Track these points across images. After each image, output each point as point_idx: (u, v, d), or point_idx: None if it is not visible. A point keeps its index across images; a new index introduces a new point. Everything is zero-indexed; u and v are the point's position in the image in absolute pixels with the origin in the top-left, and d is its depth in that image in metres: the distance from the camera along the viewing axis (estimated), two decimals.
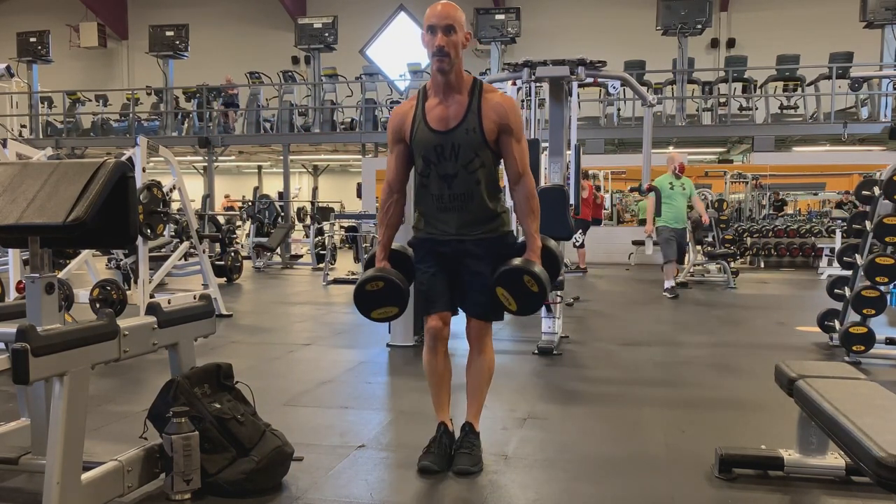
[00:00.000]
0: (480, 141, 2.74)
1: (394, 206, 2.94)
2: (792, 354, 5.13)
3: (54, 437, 2.19)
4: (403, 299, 2.84)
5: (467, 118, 2.74)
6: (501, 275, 2.74)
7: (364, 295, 2.83)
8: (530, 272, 2.69)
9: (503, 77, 6.32)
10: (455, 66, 2.73)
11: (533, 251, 2.79)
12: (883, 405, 2.33)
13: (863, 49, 14.44)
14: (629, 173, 14.75)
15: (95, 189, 2.32)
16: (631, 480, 2.82)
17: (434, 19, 2.70)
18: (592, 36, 17.77)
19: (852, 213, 6.17)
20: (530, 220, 2.81)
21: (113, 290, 5.91)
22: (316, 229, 13.04)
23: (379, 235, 2.96)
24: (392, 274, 2.83)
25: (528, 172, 2.83)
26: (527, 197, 2.81)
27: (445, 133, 2.75)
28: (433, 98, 2.80)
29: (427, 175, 2.81)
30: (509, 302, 2.75)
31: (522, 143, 2.83)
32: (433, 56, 2.70)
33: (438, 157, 2.76)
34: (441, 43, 2.67)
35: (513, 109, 2.78)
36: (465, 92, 2.77)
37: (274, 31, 20.01)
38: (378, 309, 2.86)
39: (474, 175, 2.77)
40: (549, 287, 2.74)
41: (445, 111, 2.76)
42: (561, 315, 5.77)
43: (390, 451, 3.16)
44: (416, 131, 2.79)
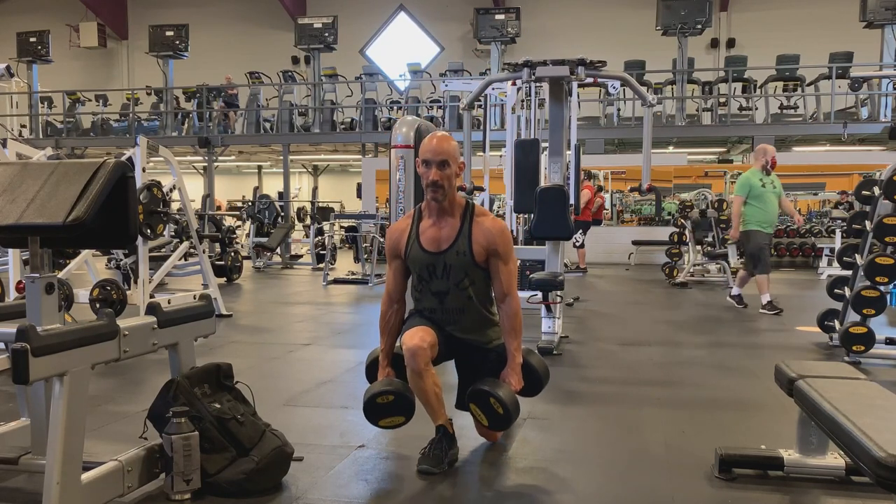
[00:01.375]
0: (470, 262, 2.91)
1: (394, 316, 3.08)
2: (792, 354, 5.13)
3: (54, 437, 2.19)
4: (411, 410, 2.94)
5: (458, 241, 2.92)
6: (471, 392, 2.90)
7: (374, 407, 2.94)
8: (495, 395, 2.83)
9: (503, 77, 6.34)
10: (448, 195, 2.91)
11: (512, 368, 2.94)
12: (883, 405, 2.33)
13: (863, 49, 14.44)
14: (629, 173, 14.76)
15: (95, 189, 2.32)
16: (631, 480, 2.82)
17: (429, 154, 2.87)
18: (592, 36, 17.77)
19: (850, 213, 6.18)
20: (511, 338, 2.95)
21: (113, 290, 5.91)
22: (316, 229, 13.04)
23: (381, 343, 3.09)
24: (401, 387, 2.93)
25: (514, 293, 2.97)
26: (510, 316, 2.95)
27: (437, 254, 2.93)
28: (427, 219, 2.99)
29: (421, 290, 3.01)
30: (480, 417, 2.91)
31: (510, 266, 2.97)
32: (428, 188, 2.88)
33: (430, 275, 2.95)
34: (435, 178, 2.86)
35: (501, 234, 2.94)
36: (457, 215, 2.95)
37: (274, 31, 20.00)
38: (386, 418, 2.96)
39: (465, 292, 2.94)
40: (514, 410, 2.85)
41: (438, 233, 2.95)
42: (561, 315, 5.77)
43: (390, 451, 3.15)
44: (410, 250, 2.98)
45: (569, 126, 5.95)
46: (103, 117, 17.82)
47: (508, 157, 7.42)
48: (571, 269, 11.22)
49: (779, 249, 12.78)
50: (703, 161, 18.22)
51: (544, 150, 6.05)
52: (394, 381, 2.96)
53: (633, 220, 15.84)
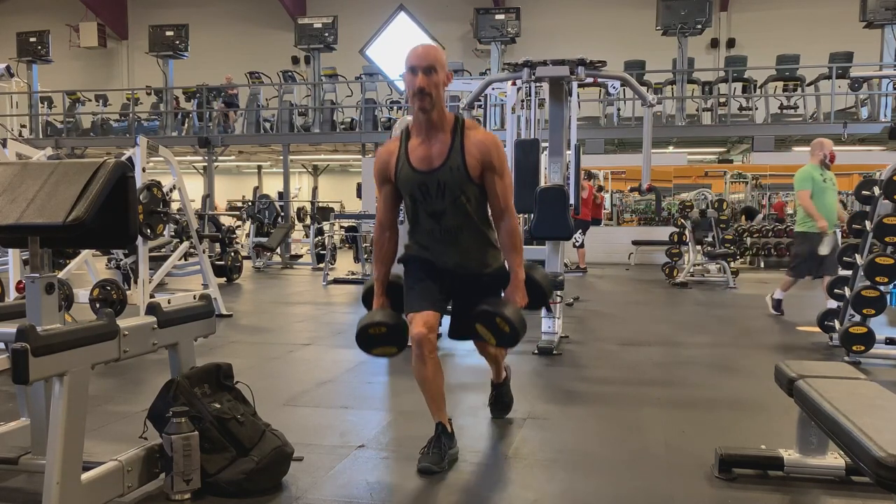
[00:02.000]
0: (465, 177, 2.80)
1: (388, 243, 3.02)
2: (792, 354, 5.14)
3: (54, 437, 2.19)
4: (404, 341, 2.96)
5: (451, 157, 2.79)
6: (478, 313, 2.87)
7: (367, 337, 2.93)
8: (501, 315, 2.81)
9: (503, 77, 6.33)
10: (437, 106, 2.78)
11: (515, 286, 2.90)
12: (883, 405, 2.33)
13: (863, 49, 14.43)
14: (629, 173, 14.76)
15: (95, 189, 2.32)
16: (631, 480, 2.82)
17: (415, 60, 2.76)
18: (592, 36, 17.75)
19: (851, 213, 6.14)
20: (513, 255, 2.90)
21: (113, 290, 5.91)
22: (316, 229, 13.04)
23: (374, 271, 3.04)
24: (394, 318, 2.93)
25: (511, 208, 2.90)
26: (509, 233, 2.88)
27: (429, 172, 2.81)
28: (416, 137, 2.85)
29: (416, 213, 2.90)
30: (489, 337, 2.89)
31: (505, 180, 2.88)
32: (414, 96, 2.76)
33: (424, 195, 2.83)
34: (422, 84, 2.72)
35: (495, 146, 2.84)
36: (447, 130, 2.82)
37: (274, 31, 20.00)
38: (378, 348, 2.98)
39: (463, 208, 2.85)
40: (521, 327, 2.83)
41: (429, 150, 2.82)
42: (561, 315, 5.77)
43: (390, 451, 3.16)
44: (400, 171, 2.86)
45: (569, 126, 5.95)
46: (103, 117, 17.82)
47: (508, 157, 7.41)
48: (571, 269, 11.22)
49: (779, 249, 12.78)
50: (703, 161, 18.21)
51: (544, 150, 6.04)
52: (387, 312, 2.95)
53: (633, 220, 15.84)
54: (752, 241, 12.92)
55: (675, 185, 15.10)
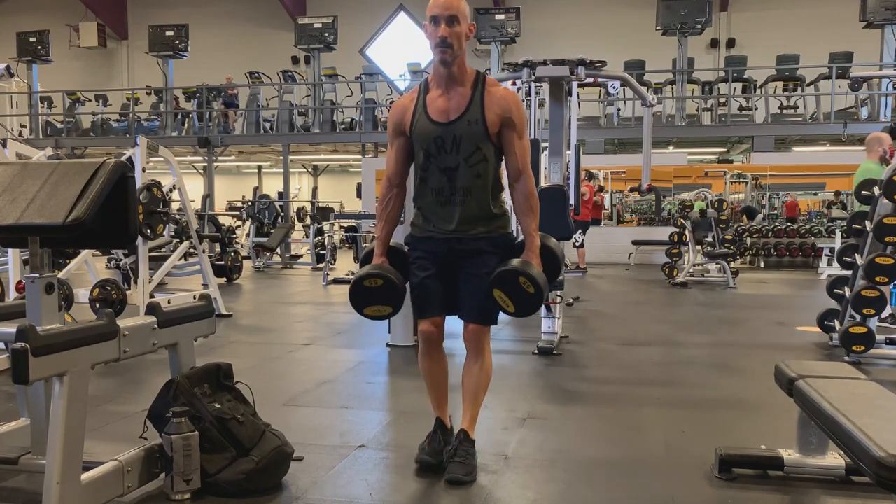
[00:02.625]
0: (483, 133, 2.70)
1: (393, 201, 2.89)
2: (792, 354, 5.13)
3: (54, 437, 2.19)
4: (399, 300, 2.81)
5: (470, 109, 2.70)
6: (497, 276, 2.69)
7: (361, 290, 2.78)
8: (525, 273, 2.65)
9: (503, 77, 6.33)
10: (458, 58, 2.68)
11: (531, 250, 2.75)
12: (883, 405, 2.33)
13: (863, 49, 14.44)
14: (629, 173, 14.75)
15: (95, 189, 2.32)
16: (631, 480, 2.82)
17: (437, 10, 2.65)
18: (592, 36, 17.77)
19: (849, 212, 6.06)
20: (529, 219, 2.77)
21: (113, 290, 5.91)
22: (316, 229, 13.04)
23: (377, 230, 2.92)
24: (391, 273, 2.79)
25: (529, 170, 2.79)
26: (526, 195, 2.77)
27: (447, 125, 2.70)
28: (435, 90, 2.75)
29: (427, 168, 2.76)
30: (507, 304, 2.70)
31: (524, 140, 2.78)
32: (436, 47, 2.66)
33: (439, 149, 2.72)
34: (444, 34, 2.63)
35: (516, 104, 2.75)
36: (467, 84, 2.73)
37: (274, 31, 20.01)
38: (372, 306, 2.81)
39: (475, 168, 2.72)
40: (545, 288, 2.69)
41: (447, 103, 2.72)
42: (561, 315, 5.77)
43: (390, 451, 3.15)
44: (417, 123, 2.75)
45: (569, 126, 5.95)
46: (103, 117, 17.82)
47: None
48: (571, 269, 11.22)
49: (778, 249, 12.79)
50: (703, 161, 18.22)
51: (544, 150, 6.04)
52: (384, 267, 2.80)
53: (633, 220, 15.85)
54: (752, 241, 12.92)
55: (675, 185, 15.10)
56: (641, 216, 15.86)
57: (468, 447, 2.83)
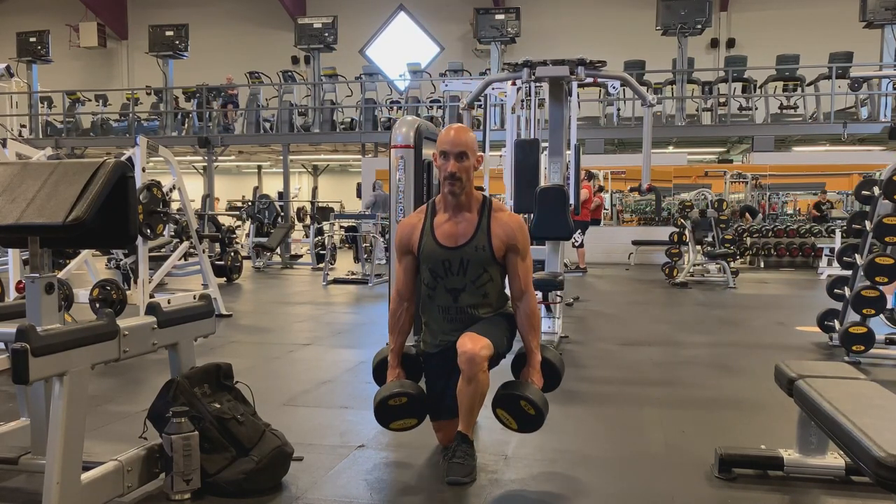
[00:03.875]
0: (489, 258, 2.84)
1: (404, 314, 3.01)
2: (792, 354, 5.13)
3: (54, 437, 2.19)
4: (424, 412, 2.91)
5: (477, 236, 2.84)
6: (499, 398, 2.81)
7: (386, 409, 2.86)
8: (525, 398, 2.76)
9: (503, 77, 6.33)
10: (466, 189, 2.85)
11: (533, 367, 2.87)
12: (883, 405, 2.33)
13: (863, 49, 14.44)
14: (629, 173, 14.75)
15: (95, 189, 2.32)
16: (631, 480, 2.82)
17: (447, 146, 2.82)
18: (592, 36, 17.76)
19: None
20: (531, 336, 2.89)
21: (113, 290, 5.91)
22: (316, 229, 13.04)
23: (391, 342, 3.01)
24: (413, 388, 2.88)
25: (531, 290, 2.92)
26: (528, 314, 2.90)
27: (454, 249, 2.85)
28: (442, 214, 2.91)
29: (434, 287, 2.91)
30: (509, 422, 2.82)
31: (527, 262, 2.93)
32: (445, 180, 2.83)
33: (446, 271, 2.87)
34: (454, 169, 2.80)
35: (520, 229, 2.89)
36: (474, 210, 2.89)
37: (274, 31, 20.01)
38: (398, 421, 2.89)
39: (482, 289, 2.88)
40: (545, 409, 2.78)
41: (455, 227, 2.86)
42: (561, 315, 5.77)
43: (390, 451, 3.15)
44: (424, 245, 2.89)
45: (569, 126, 5.95)
46: (103, 117, 17.82)
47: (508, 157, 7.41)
48: (571, 268, 11.21)
49: (778, 249, 12.78)
50: (703, 161, 18.22)
51: (544, 150, 6.04)
52: (406, 383, 2.89)
53: (633, 220, 15.84)
54: (752, 241, 12.92)
55: (675, 185, 15.10)
56: (641, 216, 15.85)
57: (467, 448, 2.83)
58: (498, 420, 2.84)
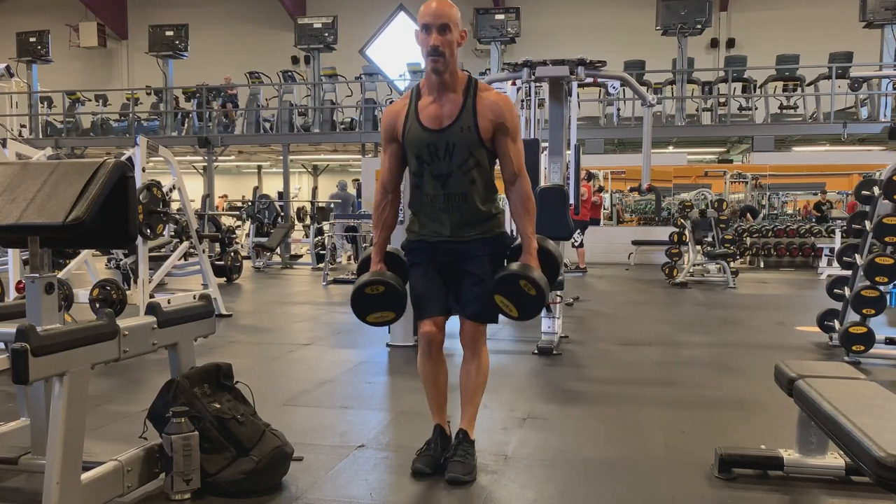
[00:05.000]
0: (475, 139, 2.70)
1: (389, 207, 2.89)
2: (792, 354, 5.13)
3: (54, 437, 2.19)
4: (402, 305, 2.82)
5: (462, 116, 2.69)
6: (498, 281, 2.70)
7: (362, 298, 2.79)
8: (526, 276, 2.66)
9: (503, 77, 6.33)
10: (450, 66, 2.68)
11: (529, 253, 2.75)
12: (883, 405, 2.33)
13: (863, 49, 14.44)
14: (629, 173, 14.76)
15: (95, 189, 2.32)
16: (631, 480, 2.82)
17: (428, 18, 2.65)
18: (592, 36, 17.76)
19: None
20: (526, 221, 2.77)
21: (113, 290, 5.91)
22: (316, 229, 13.03)
23: (374, 236, 2.92)
24: (392, 279, 2.79)
25: (524, 173, 2.79)
26: (522, 198, 2.77)
27: (439, 132, 2.70)
28: (427, 96, 2.75)
29: (421, 175, 2.77)
30: (510, 308, 2.71)
31: (518, 143, 2.78)
32: (427, 56, 2.66)
33: (432, 156, 2.72)
34: (436, 42, 2.63)
35: (509, 108, 2.75)
36: (459, 90, 2.72)
37: (274, 31, 20.00)
38: (375, 313, 2.82)
39: (469, 174, 2.73)
40: (547, 289, 2.69)
41: (439, 110, 2.71)
42: (561, 315, 5.77)
43: (390, 451, 3.15)
44: (409, 130, 2.74)
45: (569, 126, 5.95)
46: (103, 117, 17.82)
47: None
48: (571, 269, 11.22)
49: (778, 249, 12.79)
50: (703, 161, 18.22)
51: (544, 150, 6.04)
52: (384, 273, 2.80)
53: (632, 220, 15.84)
54: (752, 241, 12.93)
55: (675, 185, 15.11)
56: (641, 216, 15.85)
57: (467, 447, 2.83)
58: (499, 309, 2.73)
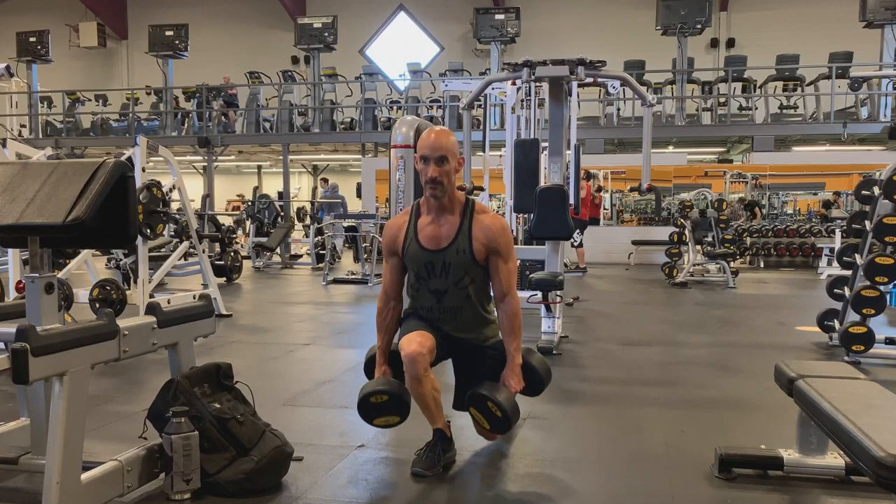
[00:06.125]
0: (470, 261, 2.85)
1: (391, 313, 3.02)
2: (792, 354, 5.13)
3: (54, 437, 2.19)
4: (406, 410, 2.92)
5: (458, 239, 2.85)
6: (470, 397, 2.87)
7: (368, 406, 2.90)
8: (493, 399, 2.79)
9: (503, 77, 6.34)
10: (448, 192, 2.84)
11: (511, 370, 2.88)
12: (882, 405, 2.33)
13: (863, 49, 14.44)
14: (629, 173, 14.76)
15: (95, 189, 2.32)
16: (631, 480, 2.82)
17: (427, 151, 2.80)
18: (592, 36, 17.76)
19: (851, 213, 6.12)
20: (511, 339, 2.89)
21: (112, 289, 5.91)
22: (316, 229, 13.04)
23: (378, 340, 3.03)
24: (395, 387, 2.89)
25: (514, 292, 2.92)
26: (509, 316, 2.89)
27: (436, 252, 2.86)
28: (426, 216, 2.91)
29: (418, 288, 2.93)
30: (481, 421, 2.88)
31: (510, 264, 2.91)
32: (426, 184, 2.81)
33: (429, 273, 2.88)
34: (434, 174, 2.79)
35: (502, 232, 2.88)
36: (456, 213, 2.88)
37: (274, 31, 20.00)
38: (381, 417, 2.93)
39: (464, 291, 2.89)
40: (513, 413, 2.81)
41: (437, 230, 2.87)
42: (561, 315, 5.77)
43: (390, 450, 3.15)
44: (408, 247, 2.90)
45: (568, 126, 5.95)
46: (103, 117, 17.82)
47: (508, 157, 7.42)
48: (571, 268, 11.22)
49: (778, 249, 12.79)
50: (702, 161, 18.22)
51: (544, 149, 6.05)
52: (389, 381, 2.92)
53: (632, 220, 15.85)
54: (752, 241, 12.93)
55: (675, 185, 15.12)
56: (641, 216, 15.86)
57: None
58: (472, 419, 2.94)
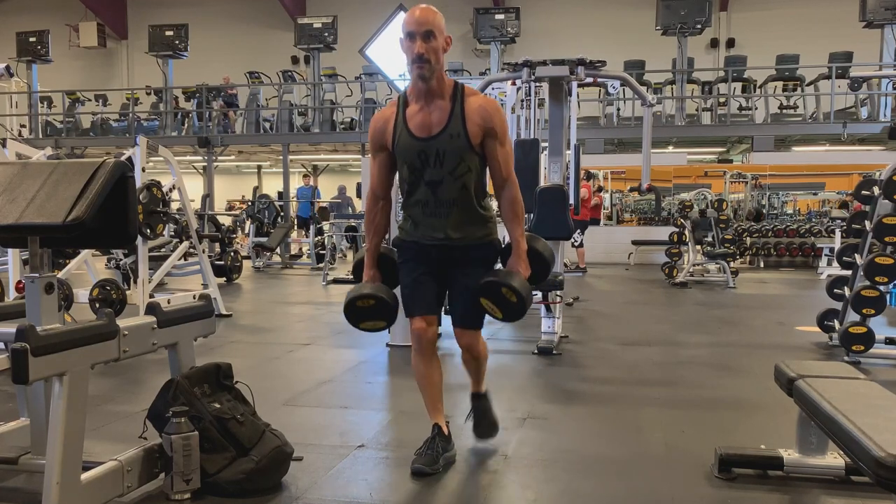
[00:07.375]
0: (465, 145, 2.71)
1: (380, 213, 2.92)
2: (792, 354, 5.13)
3: (54, 437, 2.19)
4: (392, 314, 2.89)
5: (451, 123, 2.70)
6: (482, 286, 2.76)
7: (355, 310, 2.86)
8: (507, 284, 2.71)
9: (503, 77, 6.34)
10: (436, 72, 2.70)
11: (518, 256, 2.79)
12: (882, 405, 2.33)
13: (862, 49, 14.44)
14: (629, 173, 14.77)
15: (95, 189, 2.32)
16: (631, 480, 2.82)
17: (413, 25, 2.68)
18: (592, 36, 17.75)
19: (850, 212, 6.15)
20: (514, 225, 2.81)
21: (112, 289, 5.91)
22: (316, 229, 13.03)
23: (367, 241, 2.95)
24: (382, 291, 2.85)
25: (513, 177, 2.81)
26: (511, 201, 2.80)
27: (429, 140, 2.71)
28: (414, 104, 2.76)
29: (412, 182, 2.79)
30: (494, 311, 2.79)
31: (506, 147, 2.80)
32: (413, 63, 2.68)
33: (423, 163, 2.73)
34: (421, 50, 2.65)
35: (497, 112, 2.76)
36: (447, 97, 2.74)
37: (274, 31, 19.99)
38: (367, 321, 2.90)
39: (460, 180, 2.74)
40: (528, 297, 2.75)
41: (428, 117, 2.72)
42: (561, 315, 5.77)
43: (390, 450, 3.15)
44: (399, 139, 2.75)
45: (568, 126, 5.95)
46: (103, 117, 17.82)
47: None
48: (571, 268, 11.22)
49: (778, 249, 12.79)
50: (702, 161, 18.22)
51: (544, 149, 6.05)
52: (376, 286, 2.87)
53: (632, 220, 15.86)
54: (752, 241, 12.93)
55: (675, 185, 15.12)
56: (641, 216, 15.86)
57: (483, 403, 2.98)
58: (484, 310, 2.82)
